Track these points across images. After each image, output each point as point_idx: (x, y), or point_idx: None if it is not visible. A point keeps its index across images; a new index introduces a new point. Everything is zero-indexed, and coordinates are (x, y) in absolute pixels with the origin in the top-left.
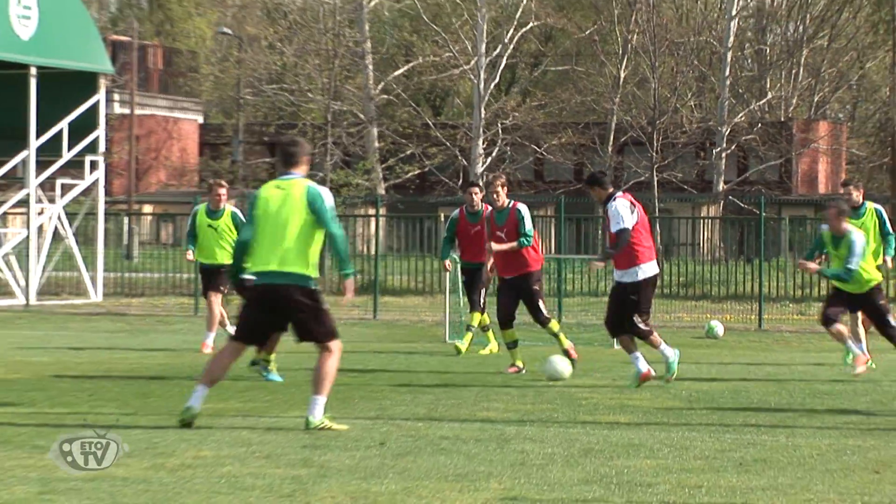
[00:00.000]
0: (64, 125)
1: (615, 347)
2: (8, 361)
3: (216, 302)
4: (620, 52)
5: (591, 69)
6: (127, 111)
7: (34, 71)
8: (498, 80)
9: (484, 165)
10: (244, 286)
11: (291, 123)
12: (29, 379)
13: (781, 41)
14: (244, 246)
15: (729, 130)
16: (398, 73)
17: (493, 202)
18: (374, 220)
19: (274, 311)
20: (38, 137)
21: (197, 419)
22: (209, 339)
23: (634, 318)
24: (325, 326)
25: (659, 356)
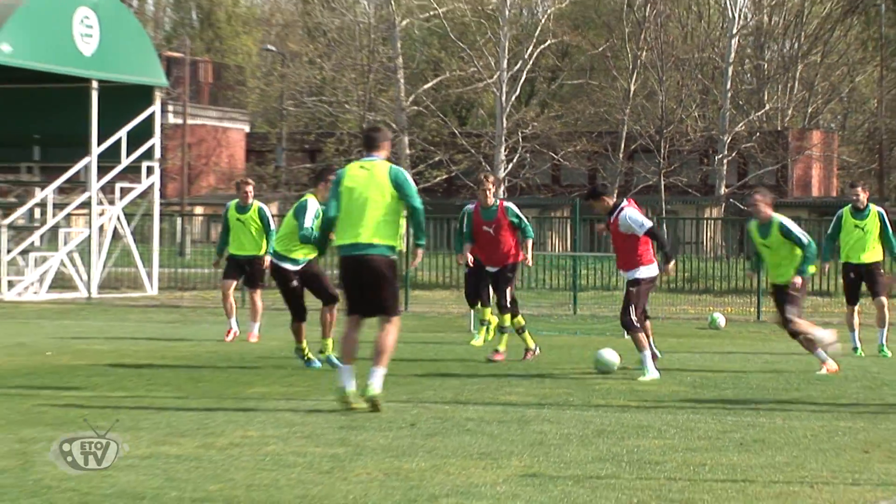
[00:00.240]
0: (123, 134)
1: (625, 337)
2: (72, 349)
3: (258, 297)
4: (631, 67)
5: (603, 83)
6: (180, 121)
7: (95, 84)
8: (518, 92)
9: (506, 171)
10: (282, 272)
11: (330, 132)
12: (91, 365)
13: (778, 57)
14: (330, 222)
15: (730, 139)
16: (427, 86)
17: (482, 199)
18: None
19: (362, 279)
20: (99, 145)
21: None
22: (255, 328)
23: (630, 310)
24: (395, 300)
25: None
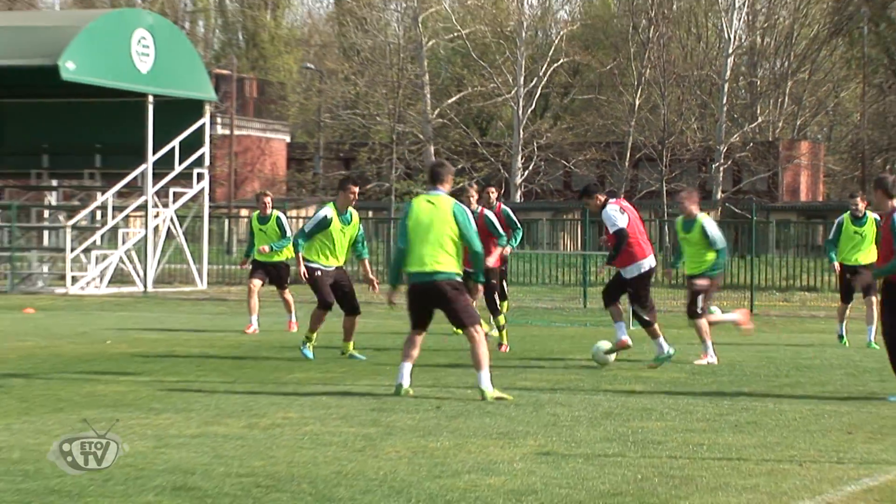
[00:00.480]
0: (175, 143)
1: (631, 328)
2: (130, 338)
3: (287, 292)
4: (636, 83)
5: (611, 98)
6: (227, 132)
7: (151, 99)
8: (534, 106)
9: (522, 177)
10: (312, 274)
11: (363, 142)
12: (147, 352)
13: (770, 75)
14: (401, 253)
15: (726, 148)
16: (451, 100)
17: (465, 205)
18: None
19: (430, 302)
20: (154, 153)
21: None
22: (292, 317)
23: (637, 309)
24: (468, 313)
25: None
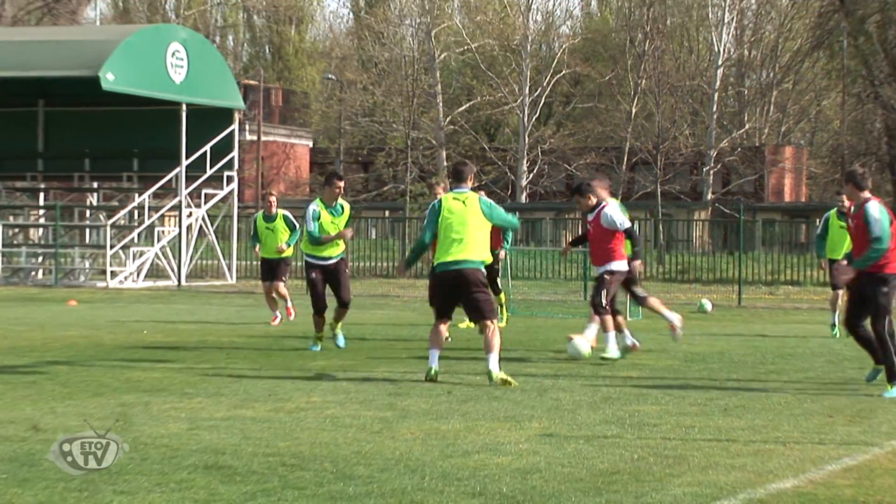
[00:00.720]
0: (207, 148)
1: (627, 319)
2: (164, 329)
3: (282, 286)
4: (632, 93)
5: (609, 106)
6: (255, 138)
7: (184, 107)
8: (538, 114)
9: (527, 180)
10: (313, 267)
11: (380, 147)
12: (180, 341)
13: (756, 85)
14: (422, 245)
15: (715, 153)
16: (461, 108)
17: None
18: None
19: (458, 289)
20: (187, 158)
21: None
22: (288, 302)
23: (602, 293)
24: (489, 307)
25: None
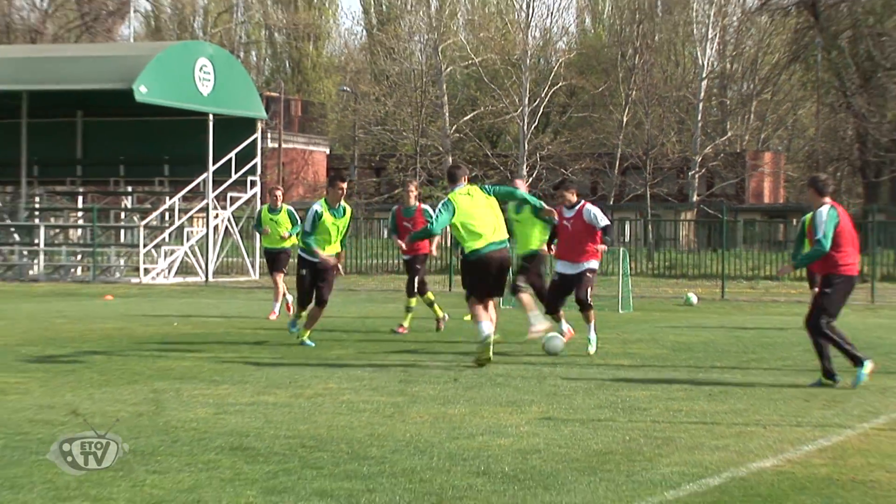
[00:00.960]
0: (232, 155)
1: (619, 312)
2: (193, 321)
3: (280, 280)
4: (623, 103)
5: (602, 115)
6: (276, 145)
7: (211, 117)
8: (537, 122)
9: (527, 184)
10: (305, 264)
11: (391, 154)
12: (208, 332)
13: (738, 95)
14: (429, 232)
15: (700, 158)
16: (466, 118)
17: (405, 200)
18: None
19: (500, 268)
20: (214, 164)
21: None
22: (276, 307)
23: (587, 291)
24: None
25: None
